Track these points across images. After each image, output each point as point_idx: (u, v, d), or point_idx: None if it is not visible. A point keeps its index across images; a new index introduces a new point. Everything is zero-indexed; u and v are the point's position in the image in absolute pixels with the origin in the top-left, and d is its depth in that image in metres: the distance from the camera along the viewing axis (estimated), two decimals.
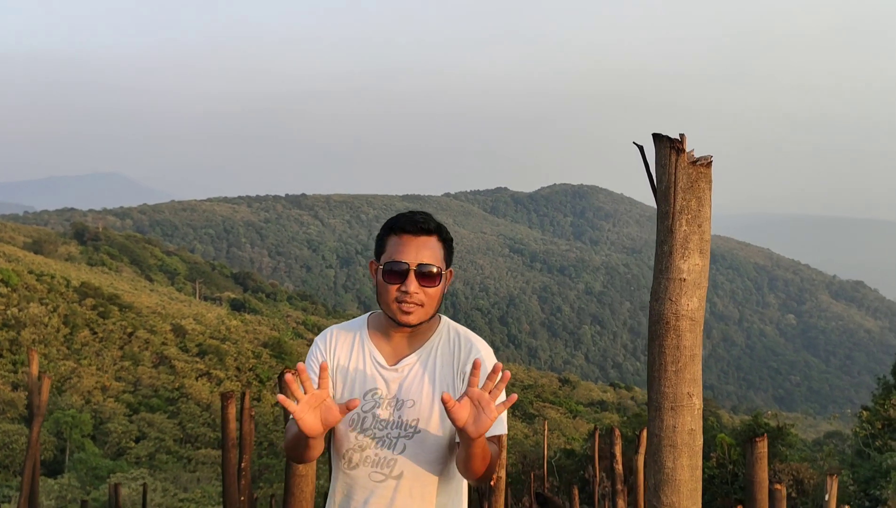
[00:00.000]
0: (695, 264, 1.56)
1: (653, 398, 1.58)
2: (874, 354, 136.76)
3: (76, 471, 23.64)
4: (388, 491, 1.88)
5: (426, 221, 1.90)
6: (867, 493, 14.57)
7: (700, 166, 1.54)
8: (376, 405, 1.90)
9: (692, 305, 1.55)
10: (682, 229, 1.55)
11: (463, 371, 1.90)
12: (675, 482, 1.54)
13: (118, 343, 42.22)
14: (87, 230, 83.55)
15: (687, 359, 1.55)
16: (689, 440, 1.54)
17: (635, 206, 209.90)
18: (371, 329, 1.99)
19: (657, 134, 1.55)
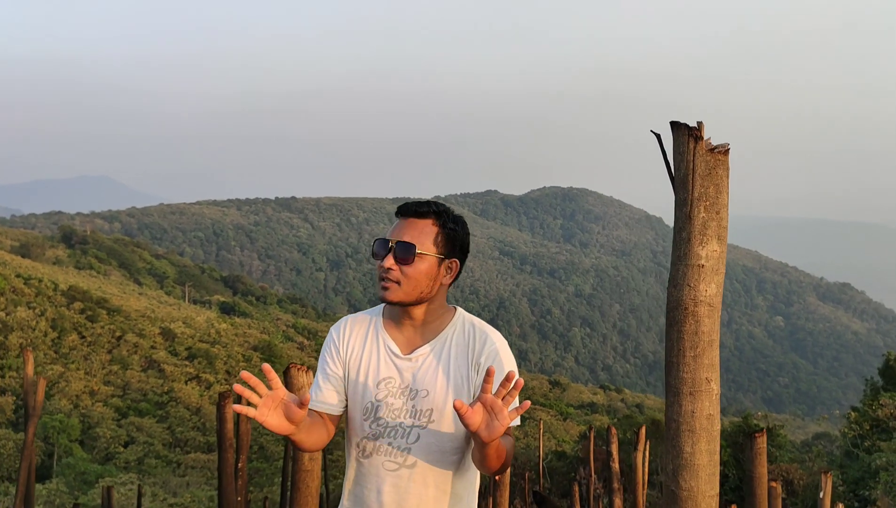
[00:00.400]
0: (713, 251, 1.58)
1: (671, 384, 1.59)
2: (861, 355, 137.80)
3: (64, 476, 23.45)
4: (401, 480, 1.89)
5: (421, 205, 1.92)
6: (856, 494, 14.67)
7: (718, 154, 1.56)
8: (390, 393, 1.91)
9: (710, 291, 1.56)
10: (700, 215, 1.56)
11: (478, 363, 1.90)
12: (694, 466, 1.56)
13: (106, 347, 41.94)
14: (74, 234, 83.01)
15: (705, 345, 1.56)
16: (708, 425, 1.55)
17: (625, 209, 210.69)
18: (386, 319, 2.00)
19: (675, 122, 1.57)
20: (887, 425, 16.07)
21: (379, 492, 1.89)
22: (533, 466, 17.21)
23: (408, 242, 1.87)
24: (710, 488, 1.57)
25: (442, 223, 1.92)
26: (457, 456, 1.93)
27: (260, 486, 22.17)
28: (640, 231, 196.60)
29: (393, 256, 1.87)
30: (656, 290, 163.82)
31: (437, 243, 1.91)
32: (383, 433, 1.91)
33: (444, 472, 1.91)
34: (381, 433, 1.91)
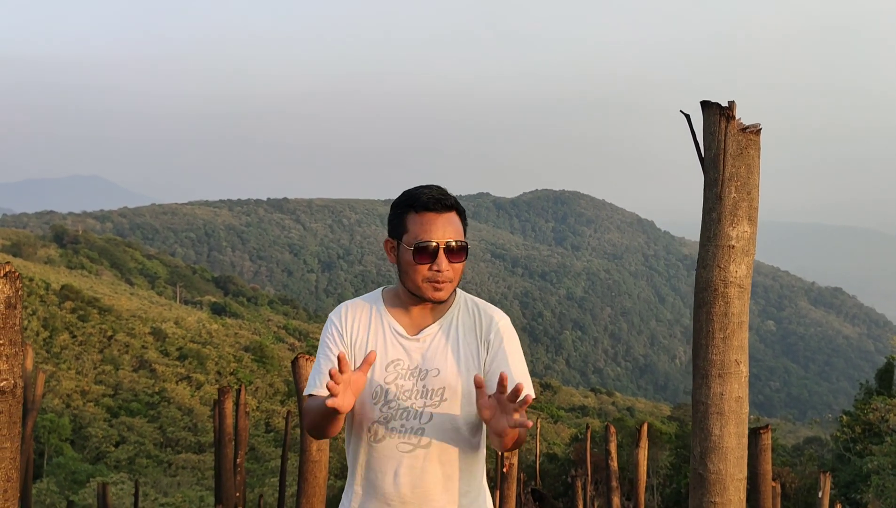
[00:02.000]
0: (744, 232, 1.57)
1: (699, 366, 1.58)
2: (852, 360, 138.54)
3: (55, 476, 23.30)
4: (417, 461, 1.88)
5: (446, 196, 1.91)
6: (848, 497, 14.73)
7: (750, 134, 1.55)
8: (399, 375, 1.91)
9: (741, 272, 1.55)
10: (731, 196, 1.56)
11: (487, 340, 1.93)
12: (723, 449, 1.55)
13: (98, 347, 41.73)
14: (66, 233, 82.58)
15: (735, 326, 1.55)
16: (737, 407, 1.54)
17: (616, 212, 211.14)
18: (387, 303, 1.99)
19: (706, 101, 1.56)
20: (879, 429, 16.14)
21: (396, 475, 1.88)
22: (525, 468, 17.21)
23: (460, 241, 1.89)
24: (738, 471, 1.56)
25: (461, 213, 1.94)
26: (470, 434, 1.94)
27: (252, 486, 22.07)
28: (631, 235, 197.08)
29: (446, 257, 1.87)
30: (647, 293, 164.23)
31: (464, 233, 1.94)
32: (395, 416, 1.90)
33: (458, 450, 1.92)
34: (392, 415, 1.90)
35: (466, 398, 1.90)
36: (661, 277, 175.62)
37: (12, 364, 1.13)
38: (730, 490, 1.56)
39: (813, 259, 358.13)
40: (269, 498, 18.22)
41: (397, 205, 1.94)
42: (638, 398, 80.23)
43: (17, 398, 1.16)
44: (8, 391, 1.15)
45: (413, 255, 1.87)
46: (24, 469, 5.06)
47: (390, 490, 1.89)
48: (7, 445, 1.17)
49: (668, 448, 20.58)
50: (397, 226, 1.93)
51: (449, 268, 1.87)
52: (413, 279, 1.89)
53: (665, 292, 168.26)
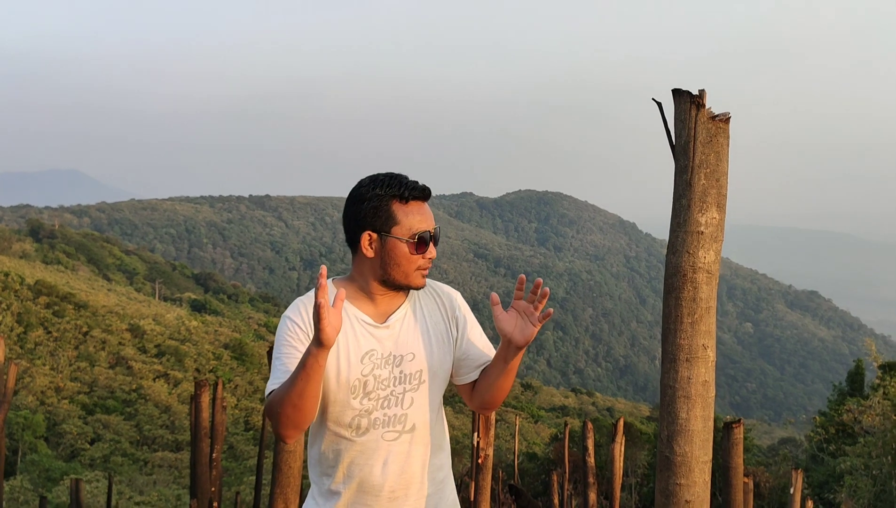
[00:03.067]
0: (712, 218, 1.60)
1: (667, 351, 1.61)
2: (827, 362, 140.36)
3: (28, 473, 23.01)
4: (403, 447, 1.89)
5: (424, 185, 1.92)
6: (821, 497, 14.91)
7: (719, 122, 1.58)
8: (375, 365, 1.89)
9: (709, 258, 1.58)
10: (700, 182, 1.58)
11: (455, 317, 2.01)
12: (689, 432, 1.57)
13: (73, 343, 41.23)
14: (42, 228, 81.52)
15: (703, 311, 1.58)
16: (703, 391, 1.57)
17: (599, 213, 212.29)
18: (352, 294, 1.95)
19: (677, 89, 1.58)
20: (852, 429, 16.38)
21: (385, 464, 1.87)
22: (505, 467, 17.26)
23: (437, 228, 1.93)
24: (703, 454, 1.58)
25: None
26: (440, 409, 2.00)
27: (229, 485, 21.93)
28: (613, 236, 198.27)
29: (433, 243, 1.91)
30: (629, 295, 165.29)
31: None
32: (377, 406, 1.88)
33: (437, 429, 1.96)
34: (374, 406, 1.88)
35: (442, 377, 1.95)
36: (643, 278, 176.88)
37: None
38: (695, 472, 1.59)
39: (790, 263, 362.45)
40: (247, 497, 18.11)
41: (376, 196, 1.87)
42: (618, 398, 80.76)
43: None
44: None
45: (415, 246, 1.86)
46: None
47: (378, 481, 1.87)
48: None
49: (647, 448, 20.73)
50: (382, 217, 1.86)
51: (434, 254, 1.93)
52: (405, 270, 1.87)
53: (646, 293, 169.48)
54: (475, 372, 1.98)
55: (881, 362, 17.41)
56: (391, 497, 1.87)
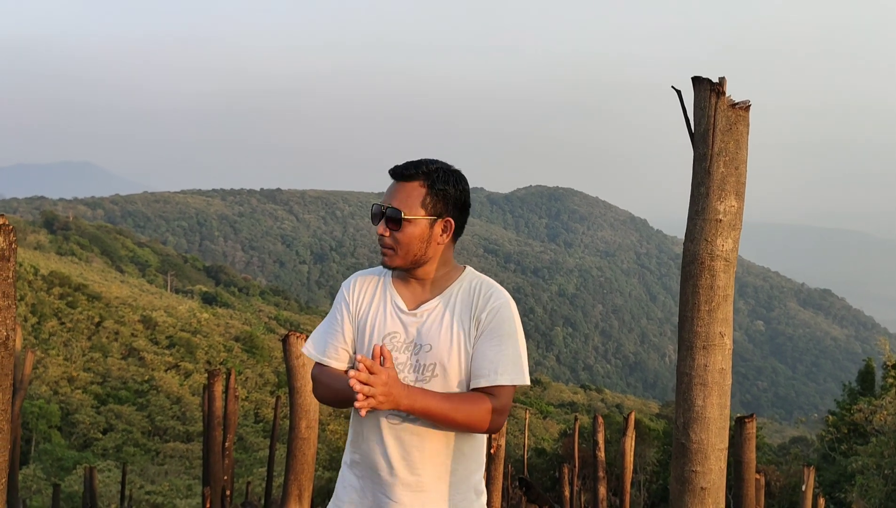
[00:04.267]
0: (731, 206, 1.60)
1: (684, 338, 1.61)
2: (839, 361, 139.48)
3: (41, 462, 23.25)
4: (404, 434, 1.90)
5: (409, 166, 1.92)
6: (832, 496, 14.84)
7: (739, 109, 1.58)
8: (395, 348, 1.93)
9: (727, 246, 1.58)
10: (719, 170, 1.58)
11: (478, 318, 1.91)
12: (705, 419, 1.58)
13: (86, 334, 41.56)
14: (57, 219, 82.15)
15: (720, 299, 1.58)
16: (720, 379, 1.57)
17: (610, 210, 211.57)
18: (394, 276, 2.02)
19: (697, 77, 1.58)
20: (864, 429, 16.28)
21: (385, 447, 1.91)
22: (514, 462, 17.28)
23: (395, 207, 1.89)
24: (720, 441, 1.59)
25: (430, 184, 1.91)
26: None
27: (239, 476, 22.07)
28: (624, 232, 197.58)
29: (384, 222, 1.91)
30: (639, 291, 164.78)
31: (426, 205, 1.91)
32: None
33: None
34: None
35: (456, 376, 1.90)
36: (653, 275, 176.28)
37: (5, 317, 1.14)
38: (711, 460, 1.59)
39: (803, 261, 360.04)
40: (257, 488, 18.22)
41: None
42: (627, 395, 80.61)
43: (10, 351, 1.17)
44: (0, 342, 1.16)
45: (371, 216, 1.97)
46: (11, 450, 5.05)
47: (380, 461, 1.91)
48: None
49: (656, 445, 20.69)
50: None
51: (386, 233, 1.91)
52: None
53: (656, 290, 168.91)
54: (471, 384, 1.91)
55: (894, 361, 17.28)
56: (391, 482, 1.90)
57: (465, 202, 1.96)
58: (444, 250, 1.97)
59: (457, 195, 1.94)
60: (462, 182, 1.96)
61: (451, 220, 1.94)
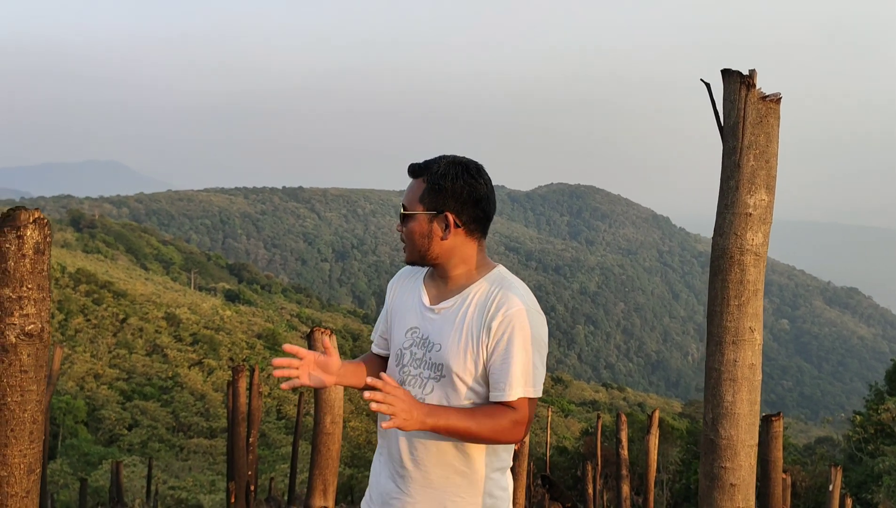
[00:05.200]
0: (761, 200, 1.58)
1: (713, 333, 1.60)
2: (866, 361, 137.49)
3: (68, 457, 23.58)
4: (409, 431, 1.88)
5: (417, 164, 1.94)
6: (858, 497, 14.64)
7: (770, 102, 1.56)
8: (413, 343, 1.96)
9: (757, 240, 1.57)
10: (749, 163, 1.57)
11: (489, 327, 1.84)
12: (735, 416, 1.56)
13: (111, 330, 42.11)
14: (83, 218, 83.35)
15: (750, 294, 1.56)
16: (750, 374, 1.55)
17: (632, 207, 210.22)
18: (427, 273, 2.05)
19: (726, 70, 1.57)
20: (891, 429, 16.04)
21: (398, 438, 1.93)
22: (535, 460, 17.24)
23: (403, 203, 1.95)
24: (749, 437, 1.57)
25: (428, 179, 1.88)
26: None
27: (262, 472, 22.24)
28: (646, 230, 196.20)
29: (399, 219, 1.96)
30: (661, 290, 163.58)
31: (424, 200, 1.88)
32: (405, 382, 1.94)
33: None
34: (404, 380, 1.95)
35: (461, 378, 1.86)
36: (676, 273, 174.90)
37: (40, 309, 1.16)
38: (741, 456, 1.58)
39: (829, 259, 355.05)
40: (280, 484, 18.34)
41: None
42: (649, 393, 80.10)
43: (45, 342, 1.19)
44: (35, 334, 1.18)
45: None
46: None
47: (394, 453, 1.95)
48: (33, 388, 1.20)
49: (679, 444, 20.53)
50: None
51: (401, 230, 1.95)
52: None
53: (679, 288, 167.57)
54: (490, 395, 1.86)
55: None
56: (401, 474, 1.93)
57: (470, 196, 1.87)
58: (461, 247, 1.90)
59: (456, 189, 1.85)
60: (467, 176, 1.87)
61: (448, 215, 1.87)
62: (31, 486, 1.21)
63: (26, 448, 1.20)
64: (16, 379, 1.18)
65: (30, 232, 1.13)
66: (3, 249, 1.15)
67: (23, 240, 1.14)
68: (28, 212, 1.12)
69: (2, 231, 1.14)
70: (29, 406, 1.18)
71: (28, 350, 1.17)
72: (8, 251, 1.14)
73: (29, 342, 1.16)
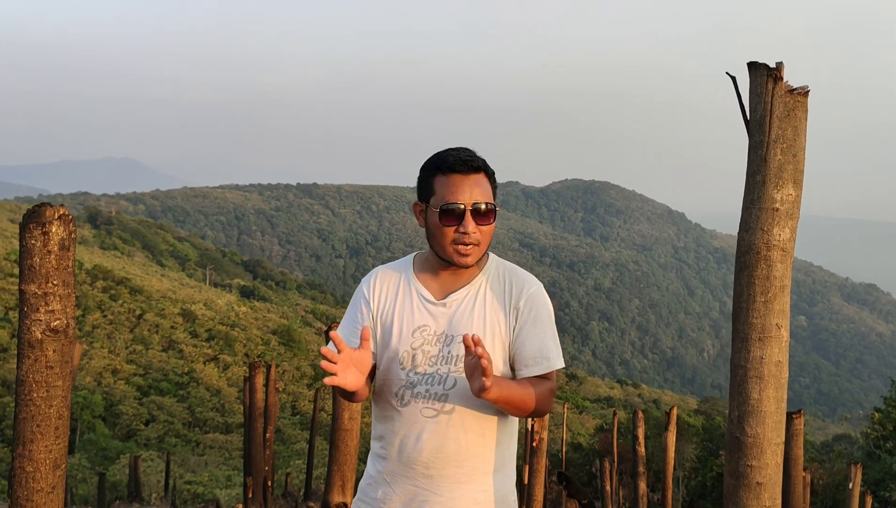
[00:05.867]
0: (788, 194, 1.55)
1: (739, 330, 1.58)
2: (885, 357, 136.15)
3: (86, 451, 23.81)
4: (440, 426, 1.88)
5: (473, 158, 1.89)
6: (876, 495, 14.51)
7: (798, 95, 1.53)
8: (426, 341, 1.91)
9: (784, 235, 1.54)
10: (776, 158, 1.54)
11: (516, 308, 1.91)
12: (761, 413, 1.54)
13: (128, 326, 42.46)
14: (100, 215, 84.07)
15: (777, 290, 1.54)
16: (776, 371, 1.53)
17: (647, 203, 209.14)
18: (416, 269, 2.00)
19: (753, 62, 1.54)
20: None
21: (418, 440, 1.88)
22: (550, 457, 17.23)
23: (489, 203, 1.87)
24: (776, 435, 1.55)
25: (490, 176, 1.91)
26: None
27: (277, 467, 22.35)
28: (661, 226, 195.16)
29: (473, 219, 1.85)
30: (677, 286, 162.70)
31: (495, 196, 1.92)
32: (420, 381, 1.90)
33: (483, 417, 1.90)
34: (418, 380, 1.90)
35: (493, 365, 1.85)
36: (691, 269, 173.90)
37: (65, 305, 1.17)
38: (767, 454, 1.56)
39: (847, 255, 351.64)
40: (295, 480, 18.43)
41: (425, 168, 1.93)
42: (664, 390, 79.76)
43: (70, 338, 1.19)
44: (60, 330, 1.18)
45: (439, 217, 1.85)
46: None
47: (413, 454, 1.89)
48: (59, 384, 1.20)
49: (695, 442, 20.45)
50: (425, 188, 1.91)
51: (476, 231, 1.85)
52: (440, 243, 1.88)
53: (695, 284, 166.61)
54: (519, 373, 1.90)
55: None
56: (426, 474, 1.88)
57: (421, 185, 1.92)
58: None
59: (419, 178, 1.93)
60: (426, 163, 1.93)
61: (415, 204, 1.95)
62: (56, 481, 1.22)
63: (52, 443, 1.20)
64: (41, 375, 1.19)
65: (55, 229, 1.13)
66: (28, 245, 1.15)
67: (48, 236, 1.14)
68: (53, 208, 1.13)
69: (27, 228, 1.15)
70: (55, 402, 1.19)
71: (54, 346, 1.18)
72: (33, 248, 1.15)
73: (55, 337, 1.17)
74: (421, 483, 1.89)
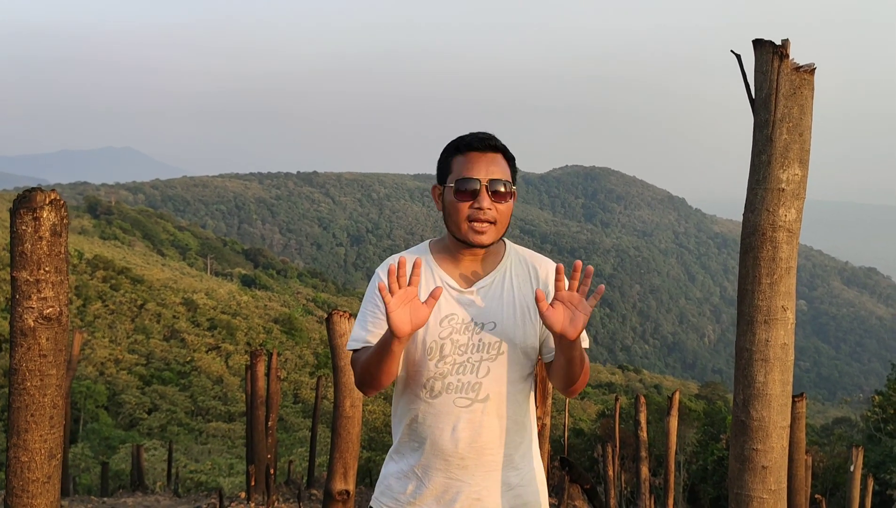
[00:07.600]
0: (794, 174, 1.52)
1: (744, 312, 1.55)
2: (885, 341, 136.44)
3: (89, 440, 23.89)
4: (475, 416, 1.85)
5: (491, 138, 1.87)
6: (877, 477, 14.57)
7: (804, 73, 1.50)
8: (454, 330, 1.86)
9: (790, 216, 1.51)
10: (782, 137, 1.51)
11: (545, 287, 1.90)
12: (766, 396, 1.52)
13: (129, 316, 42.50)
14: (100, 204, 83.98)
15: (783, 271, 1.52)
16: (782, 354, 1.51)
17: (647, 189, 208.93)
18: (437, 255, 1.95)
19: (758, 40, 1.51)
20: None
21: (454, 430, 1.85)
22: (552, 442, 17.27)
23: (501, 178, 1.83)
24: (781, 419, 1.53)
25: (509, 157, 1.90)
26: (523, 385, 1.91)
27: (280, 455, 22.42)
28: (662, 212, 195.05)
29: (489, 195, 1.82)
30: (677, 271, 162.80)
31: (513, 176, 1.90)
32: (451, 371, 1.86)
33: (513, 402, 1.89)
34: (448, 370, 1.86)
35: (523, 350, 1.87)
36: (692, 255, 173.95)
37: (58, 292, 1.15)
38: (773, 438, 1.54)
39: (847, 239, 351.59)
40: (297, 467, 18.49)
41: (444, 151, 1.91)
42: (666, 375, 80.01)
43: (63, 326, 1.17)
44: (54, 318, 1.16)
45: (455, 193, 1.82)
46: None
47: (449, 446, 1.85)
48: (53, 372, 1.18)
49: (696, 426, 20.53)
50: (443, 170, 1.89)
51: (492, 207, 1.81)
52: (455, 221, 1.83)
53: (695, 270, 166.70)
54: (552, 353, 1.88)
55: None
56: (461, 465, 1.85)
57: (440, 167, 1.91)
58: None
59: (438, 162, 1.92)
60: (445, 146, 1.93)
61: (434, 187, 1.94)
62: (52, 471, 1.20)
63: (46, 432, 1.19)
64: (35, 363, 1.16)
65: (46, 214, 1.11)
66: (19, 231, 1.13)
67: (39, 222, 1.12)
68: (44, 193, 1.10)
69: (18, 213, 1.13)
70: (49, 391, 1.17)
71: (47, 334, 1.16)
72: (24, 233, 1.12)
73: (48, 325, 1.15)
74: (455, 475, 1.86)
